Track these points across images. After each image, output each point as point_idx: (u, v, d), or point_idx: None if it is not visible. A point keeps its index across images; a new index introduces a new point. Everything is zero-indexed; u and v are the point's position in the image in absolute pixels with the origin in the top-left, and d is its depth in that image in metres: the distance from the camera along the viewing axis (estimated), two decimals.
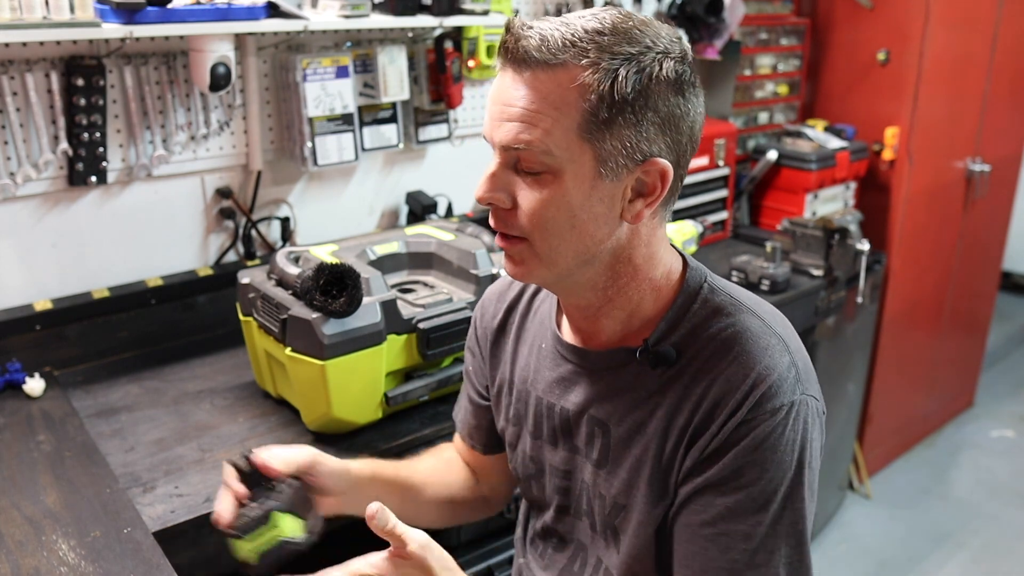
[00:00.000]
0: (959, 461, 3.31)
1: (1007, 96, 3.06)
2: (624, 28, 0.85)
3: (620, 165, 0.86)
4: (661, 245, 0.96)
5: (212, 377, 1.69)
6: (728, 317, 0.93)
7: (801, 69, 2.85)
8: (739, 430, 0.87)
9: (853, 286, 2.45)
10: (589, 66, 0.83)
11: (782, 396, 0.87)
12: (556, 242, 0.89)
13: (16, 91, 1.56)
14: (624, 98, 0.83)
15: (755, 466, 0.86)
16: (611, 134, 0.84)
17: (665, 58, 0.85)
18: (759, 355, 0.89)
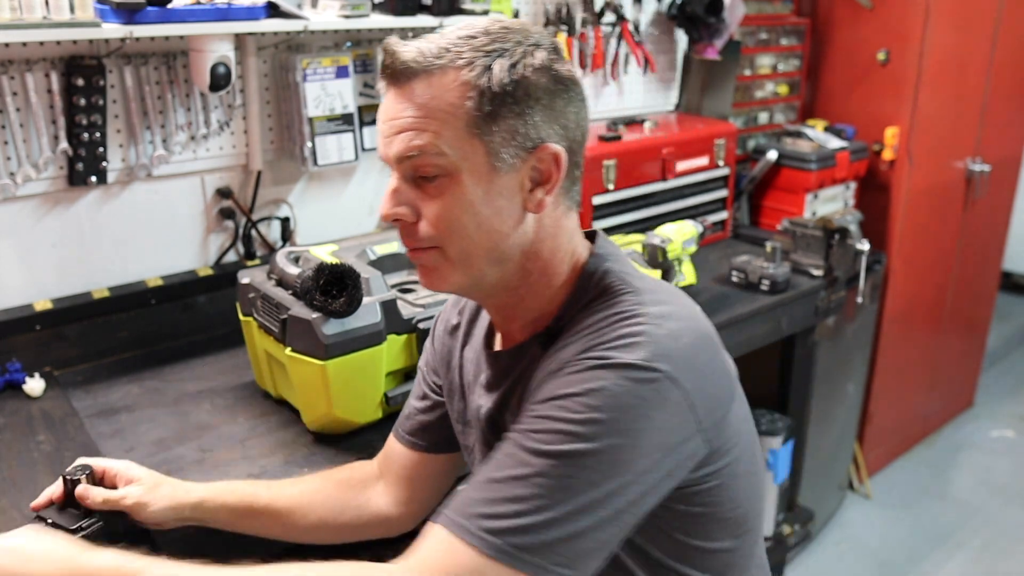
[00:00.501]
0: (959, 461, 3.31)
1: (1007, 96, 3.06)
2: (494, 30, 0.90)
3: (513, 155, 0.89)
4: (567, 237, 0.96)
5: (212, 377, 1.69)
6: (609, 297, 0.92)
7: (801, 69, 2.85)
8: (566, 370, 0.86)
9: (853, 286, 2.44)
10: (465, 66, 0.87)
11: (621, 355, 0.84)
12: (466, 243, 0.91)
13: (16, 91, 1.56)
14: (503, 89, 0.87)
15: (570, 399, 0.83)
16: (498, 126, 0.88)
17: (536, 48, 0.90)
18: (615, 326, 0.87)
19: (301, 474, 1.35)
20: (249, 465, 1.38)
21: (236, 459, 1.40)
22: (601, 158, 2.18)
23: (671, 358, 0.85)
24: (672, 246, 1.91)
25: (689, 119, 2.61)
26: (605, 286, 0.94)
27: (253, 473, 1.36)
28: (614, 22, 2.44)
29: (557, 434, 0.82)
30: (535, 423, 0.85)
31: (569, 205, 0.96)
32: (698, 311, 0.96)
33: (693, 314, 0.94)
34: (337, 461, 1.39)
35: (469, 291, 0.99)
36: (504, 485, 0.82)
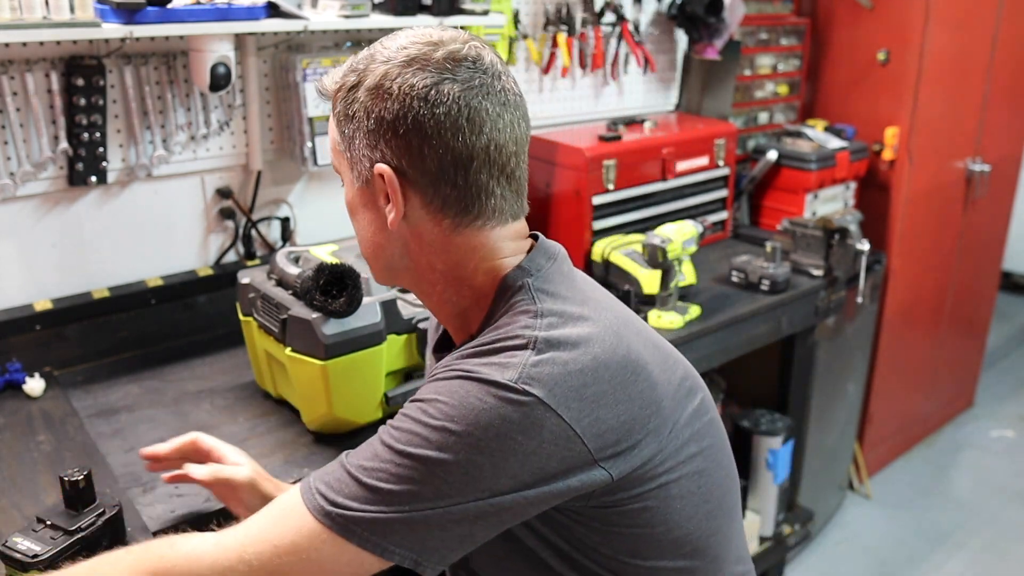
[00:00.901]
0: (959, 461, 3.31)
1: (1007, 96, 3.06)
2: (360, 57, 0.93)
3: (363, 170, 0.92)
4: (469, 252, 0.93)
5: (212, 377, 1.69)
6: (510, 317, 0.90)
7: (801, 69, 2.85)
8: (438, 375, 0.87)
9: (853, 286, 2.44)
10: (335, 85, 0.94)
11: (490, 372, 0.82)
12: (364, 245, 0.99)
13: (16, 91, 1.56)
14: (342, 111, 0.92)
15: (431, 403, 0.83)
16: (348, 144, 0.93)
17: (381, 65, 0.89)
18: (498, 344, 0.86)
19: (301, 474, 1.35)
20: None
21: None
22: (601, 158, 2.18)
23: (548, 385, 0.82)
24: (672, 246, 1.91)
25: (689, 119, 2.61)
26: (512, 304, 0.92)
27: None
28: (614, 22, 2.44)
29: (412, 435, 0.83)
30: (397, 419, 0.86)
31: (458, 220, 0.91)
32: (616, 338, 0.90)
33: (603, 340, 0.88)
34: None
35: (391, 285, 1.06)
36: (357, 471, 0.84)
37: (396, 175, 0.89)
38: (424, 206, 0.91)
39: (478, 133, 0.88)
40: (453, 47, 0.89)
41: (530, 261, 0.95)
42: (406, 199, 0.90)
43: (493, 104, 0.89)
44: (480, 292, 0.95)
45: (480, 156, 0.89)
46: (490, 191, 0.91)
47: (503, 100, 0.90)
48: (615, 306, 0.98)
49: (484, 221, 0.93)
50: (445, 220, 0.92)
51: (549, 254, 0.97)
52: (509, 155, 0.91)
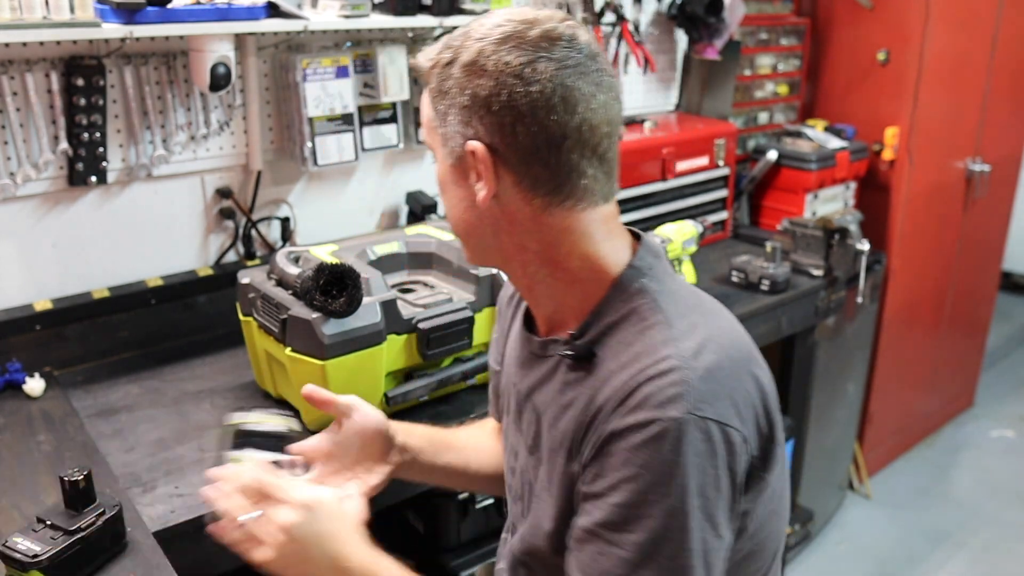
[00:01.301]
0: (959, 461, 3.31)
1: (1007, 96, 3.06)
2: (475, 24, 0.93)
3: (456, 147, 0.92)
4: (565, 234, 0.93)
5: (212, 377, 1.69)
6: (640, 323, 0.91)
7: (801, 69, 2.85)
8: (612, 441, 0.85)
9: (853, 286, 2.44)
10: (429, 63, 0.94)
11: (656, 410, 0.83)
12: (451, 222, 0.99)
13: (16, 91, 1.56)
14: (436, 87, 0.93)
15: (627, 481, 0.83)
16: (441, 120, 0.93)
17: (476, 42, 0.90)
18: (647, 364, 0.86)
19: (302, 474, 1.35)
20: None
21: None
22: None
23: (712, 400, 0.84)
24: (672, 246, 1.91)
25: (689, 119, 2.61)
26: (633, 309, 0.92)
27: None
28: (614, 22, 2.44)
29: (643, 519, 0.83)
30: (614, 513, 0.85)
31: (549, 200, 0.91)
32: (728, 323, 0.95)
33: (725, 330, 0.93)
34: None
35: (483, 264, 1.05)
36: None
37: (488, 152, 0.89)
38: (515, 185, 0.91)
39: (571, 112, 0.88)
40: (549, 26, 0.89)
41: (640, 260, 0.96)
42: (498, 177, 0.90)
43: (587, 84, 0.88)
44: (576, 278, 0.95)
45: (573, 136, 0.88)
46: (581, 171, 0.90)
47: (597, 80, 0.89)
48: (717, 306, 0.99)
49: (575, 202, 0.92)
50: (536, 200, 0.91)
51: (654, 251, 0.98)
52: (601, 136, 0.90)
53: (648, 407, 0.83)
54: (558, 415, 0.96)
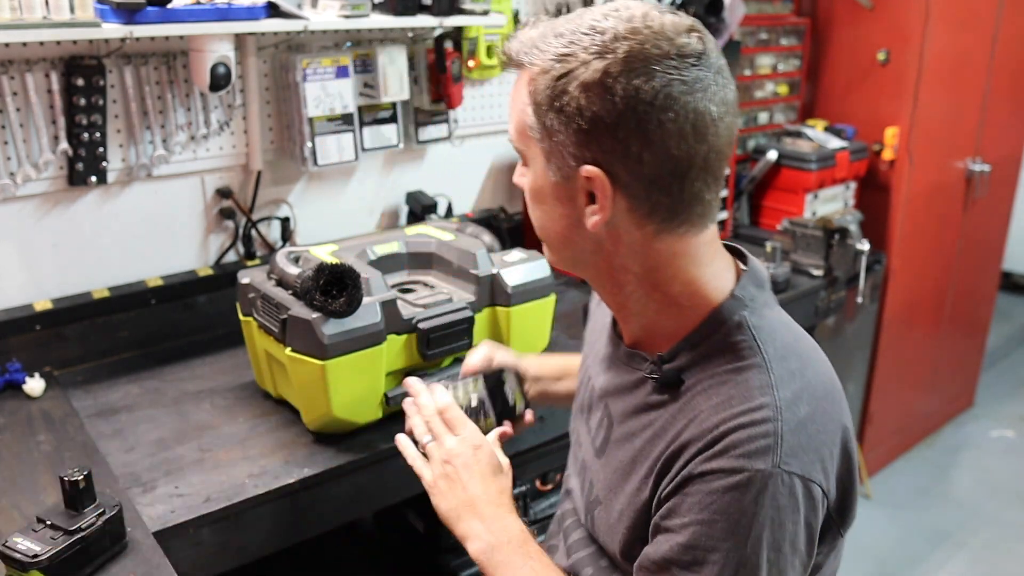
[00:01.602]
0: (959, 461, 3.31)
1: (1007, 96, 3.06)
2: (587, 27, 0.84)
3: (564, 165, 0.87)
4: (673, 258, 0.89)
5: (212, 377, 1.69)
6: (736, 361, 0.87)
7: (801, 69, 2.85)
8: (693, 482, 0.83)
9: (853, 286, 2.45)
10: (534, 66, 0.87)
11: (744, 460, 0.81)
12: (541, 232, 0.95)
13: (16, 91, 1.56)
14: (544, 102, 0.85)
15: (702, 524, 0.82)
16: (546, 134, 0.87)
17: (597, 58, 0.82)
18: (741, 411, 0.83)
19: (302, 474, 1.36)
20: (249, 465, 1.38)
21: (236, 459, 1.40)
22: None
23: (800, 453, 0.83)
24: None
25: None
26: (730, 344, 0.88)
27: (253, 473, 1.36)
28: None
29: (712, 564, 0.82)
30: (686, 552, 0.83)
31: (663, 227, 0.87)
32: (824, 369, 0.92)
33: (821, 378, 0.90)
34: (337, 461, 1.39)
35: (568, 271, 1.04)
36: None
37: (607, 178, 0.84)
38: (630, 210, 0.86)
39: (701, 140, 0.83)
40: (680, 41, 0.82)
41: (743, 289, 0.91)
42: (612, 202, 0.86)
43: (717, 106, 0.83)
44: (674, 302, 0.91)
45: (699, 164, 0.84)
46: (701, 198, 0.87)
47: (724, 98, 0.84)
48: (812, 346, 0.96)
49: (688, 227, 0.88)
50: (649, 226, 0.87)
51: (758, 280, 0.94)
52: (724, 159, 0.86)
53: (735, 455, 0.81)
54: (634, 432, 0.94)
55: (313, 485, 1.37)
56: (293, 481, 1.34)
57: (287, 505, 1.35)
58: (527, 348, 1.63)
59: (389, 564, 1.96)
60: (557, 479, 1.83)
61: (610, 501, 0.97)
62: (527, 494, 1.78)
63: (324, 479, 1.37)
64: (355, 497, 1.43)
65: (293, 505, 1.36)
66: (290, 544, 1.38)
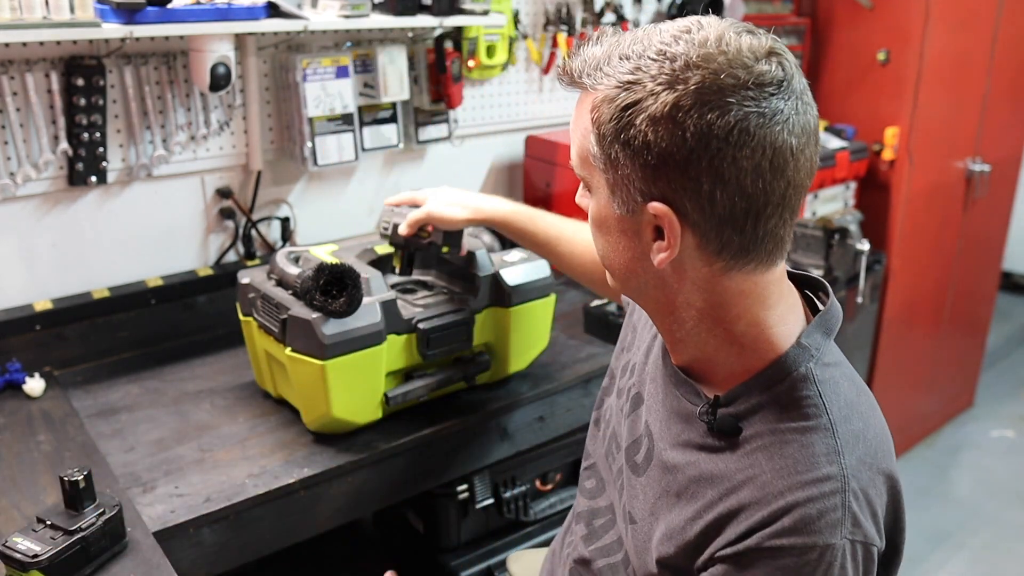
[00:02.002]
0: (959, 461, 3.31)
1: (1007, 96, 3.06)
2: (656, 51, 0.78)
3: (630, 199, 0.82)
4: (740, 297, 0.85)
5: (212, 377, 1.69)
6: (801, 420, 0.83)
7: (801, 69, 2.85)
8: (761, 556, 0.79)
9: (853, 286, 2.45)
10: (599, 92, 0.81)
11: (815, 536, 0.78)
12: (605, 261, 0.91)
13: (16, 91, 1.56)
14: (611, 130, 0.79)
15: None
16: (611, 165, 0.81)
17: (667, 90, 0.76)
18: (806, 479, 0.80)
19: (302, 474, 1.36)
20: (249, 465, 1.38)
21: (236, 459, 1.40)
22: None
23: (863, 521, 0.81)
24: None
25: None
26: (795, 399, 0.84)
27: (253, 473, 1.36)
28: (614, 22, 2.44)
29: None
30: None
31: (732, 264, 0.82)
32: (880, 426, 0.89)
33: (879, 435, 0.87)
34: (337, 461, 1.39)
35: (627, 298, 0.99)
36: None
37: (676, 215, 0.79)
38: (699, 247, 0.82)
39: (779, 176, 0.78)
40: (758, 69, 0.77)
41: (809, 337, 0.87)
42: (681, 240, 0.81)
43: (798, 137, 0.78)
44: (736, 341, 0.86)
45: (776, 201, 0.79)
46: (775, 235, 0.82)
47: (806, 126, 0.79)
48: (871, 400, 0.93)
49: (757, 264, 0.83)
50: (718, 263, 0.82)
51: (828, 326, 0.89)
52: (803, 193, 0.82)
53: (807, 532, 0.78)
54: (680, 466, 0.91)
55: (313, 485, 1.37)
56: (293, 481, 1.34)
57: (287, 505, 1.35)
58: (527, 348, 1.63)
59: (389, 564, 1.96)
60: (557, 479, 1.84)
61: (648, 525, 0.94)
62: (527, 494, 1.78)
63: (324, 479, 1.38)
64: (355, 497, 1.43)
65: (293, 505, 1.36)
66: (290, 544, 1.38)
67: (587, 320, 1.89)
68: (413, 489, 1.52)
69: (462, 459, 1.56)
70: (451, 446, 1.53)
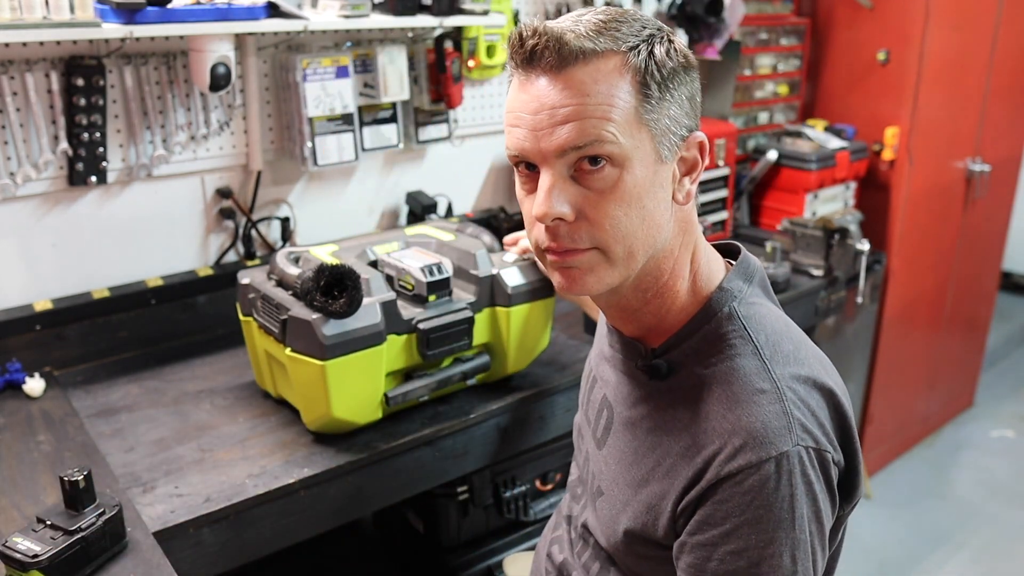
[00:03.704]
0: (959, 461, 3.31)
1: (1007, 96, 3.06)
2: (627, 17, 0.87)
3: (672, 143, 0.87)
4: (691, 236, 0.94)
5: (212, 377, 1.69)
6: (729, 351, 0.89)
7: (801, 69, 2.85)
8: (722, 486, 0.83)
9: (853, 286, 2.45)
10: (629, 50, 0.84)
11: (766, 447, 0.82)
12: (631, 241, 0.87)
13: (16, 91, 1.56)
14: (668, 74, 0.85)
15: (748, 524, 0.82)
16: (661, 113, 0.85)
17: (671, 34, 0.89)
18: (743, 400, 0.85)
19: (302, 474, 1.36)
20: (249, 465, 1.38)
21: (236, 459, 1.40)
22: None
23: (810, 427, 0.85)
24: None
25: None
26: (722, 335, 0.90)
27: (253, 473, 1.36)
28: None
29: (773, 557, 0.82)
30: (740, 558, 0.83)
31: (694, 187, 0.93)
32: (816, 350, 0.96)
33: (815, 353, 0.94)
34: (337, 461, 1.39)
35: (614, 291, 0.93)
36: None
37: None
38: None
39: None
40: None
41: (730, 282, 0.94)
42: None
43: None
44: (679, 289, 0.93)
45: None
46: None
47: None
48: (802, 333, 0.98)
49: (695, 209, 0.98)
50: (692, 187, 0.93)
51: (746, 273, 0.97)
52: None
53: (757, 446, 0.82)
54: (634, 422, 0.96)
55: (313, 485, 1.37)
56: (293, 481, 1.34)
57: (287, 505, 1.35)
58: (527, 348, 1.63)
59: (389, 564, 1.96)
60: (557, 479, 1.84)
61: (612, 494, 0.98)
62: (527, 494, 1.78)
63: (324, 479, 1.38)
64: (355, 497, 1.43)
65: (293, 505, 1.36)
66: (290, 544, 1.38)
67: (587, 320, 1.89)
68: (413, 489, 1.52)
69: (462, 459, 1.56)
70: (451, 446, 1.53)
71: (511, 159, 0.89)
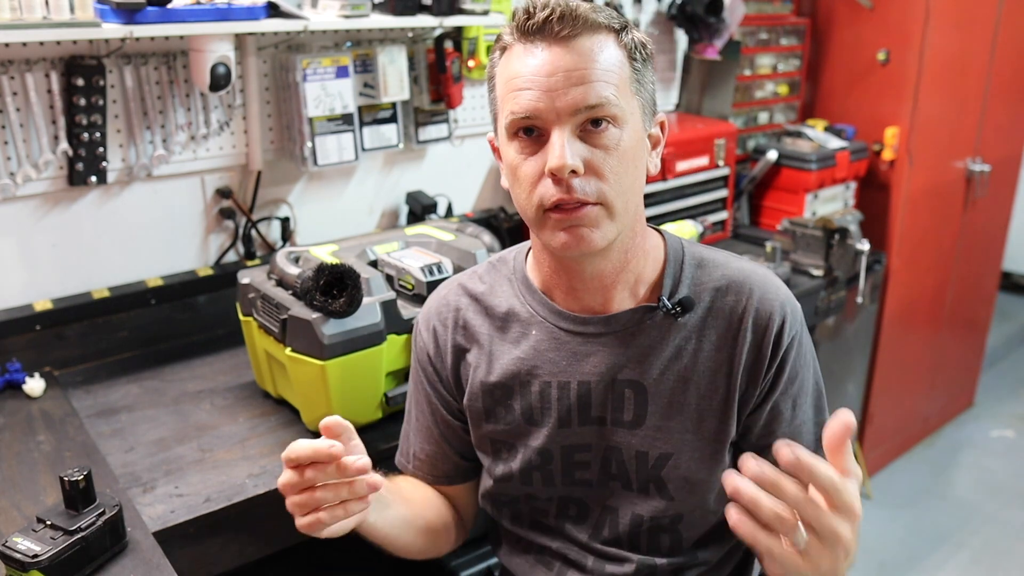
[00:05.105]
0: (959, 461, 3.31)
1: (1007, 96, 3.06)
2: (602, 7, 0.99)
3: (648, 116, 1.00)
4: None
5: (212, 377, 1.69)
6: (721, 265, 1.07)
7: (801, 69, 2.85)
8: (790, 348, 1.05)
9: (853, 286, 2.45)
10: (620, 28, 0.96)
11: (797, 310, 1.08)
12: (628, 195, 0.97)
13: (16, 91, 1.56)
14: (647, 56, 0.98)
15: (804, 368, 1.07)
16: (644, 87, 0.98)
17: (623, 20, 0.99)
18: (768, 285, 1.06)
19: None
20: (249, 465, 1.38)
21: (236, 459, 1.40)
22: None
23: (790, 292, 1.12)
24: None
25: (689, 119, 2.61)
26: (698, 255, 1.08)
27: (253, 473, 1.36)
28: None
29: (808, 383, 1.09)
30: (805, 393, 1.08)
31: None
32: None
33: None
34: None
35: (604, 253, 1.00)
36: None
37: None
38: None
39: None
40: None
41: (669, 236, 1.11)
42: None
43: None
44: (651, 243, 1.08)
45: None
46: None
47: None
48: None
49: None
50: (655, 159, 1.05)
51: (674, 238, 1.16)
52: None
53: (787, 318, 1.06)
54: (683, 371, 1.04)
55: None
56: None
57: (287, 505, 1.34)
58: None
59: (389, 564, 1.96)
60: None
61: (684, 443, 1.04)
62: None
63: None
64: None
65: None
66: (290, 544, 1.38)
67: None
68: None
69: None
70: None
71: (514, 124, 0.95)
